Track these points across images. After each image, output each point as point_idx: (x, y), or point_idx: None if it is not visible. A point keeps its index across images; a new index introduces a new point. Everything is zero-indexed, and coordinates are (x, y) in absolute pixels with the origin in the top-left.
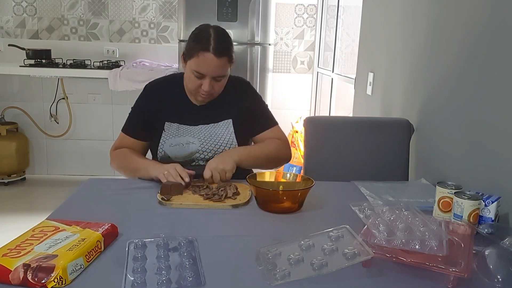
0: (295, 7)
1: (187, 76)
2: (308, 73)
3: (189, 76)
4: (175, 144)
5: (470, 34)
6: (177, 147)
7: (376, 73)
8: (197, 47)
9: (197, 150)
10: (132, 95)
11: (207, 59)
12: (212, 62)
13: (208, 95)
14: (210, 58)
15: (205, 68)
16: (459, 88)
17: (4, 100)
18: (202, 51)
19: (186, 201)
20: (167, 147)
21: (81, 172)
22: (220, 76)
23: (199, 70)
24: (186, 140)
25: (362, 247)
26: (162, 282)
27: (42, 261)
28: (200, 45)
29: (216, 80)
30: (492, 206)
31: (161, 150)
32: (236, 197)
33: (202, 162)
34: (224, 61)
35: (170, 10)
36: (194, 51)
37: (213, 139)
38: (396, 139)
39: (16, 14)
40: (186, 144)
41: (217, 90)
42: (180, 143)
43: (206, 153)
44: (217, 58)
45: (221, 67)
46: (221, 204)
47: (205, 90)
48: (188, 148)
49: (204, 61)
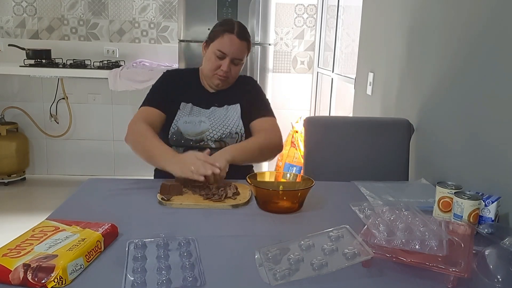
0: (295, 7)
1: (208, 58)
2: (308, 73)
3: (209, 58)
4: (189, 122)
5: (470, 34)
6: (190, 125)
7: (376, 73)
8: (223, 29)
9: (207, 129)
10: (132, 95)
11: (231, 39)
12: (235, 43)
13: (225, 78)
14: (233, 39)
15: (228, 47)
16: (459, 88)
17: (4, 100)
18: (228, 33)
19: (186, 201)
20: (181, 123)
21: (81, 172)
22: (238, 59)
23: (222, 49)
24: (198, 119)
25: (362, 247)
26: (162, 282)
27: (42, 261)
28: (225, 27)
29: (234, 64)
30: (492, 206)
31: (175, 126)
32: (236, 197)
33: (210, 141)
34: (244, 45)
35: (170, 10)
36: (219, 32)
37: (222, 120)
38: (396, 139)
39: (16, 14)
40: (198, 123)
41: (233, 75)
42: (193, 121)
43: (214, 132)
44: (239, 40)
45: (241, 50)
46: (221, 204)
47: (224, 70)
48: (199, 127)
49: (228, 41)
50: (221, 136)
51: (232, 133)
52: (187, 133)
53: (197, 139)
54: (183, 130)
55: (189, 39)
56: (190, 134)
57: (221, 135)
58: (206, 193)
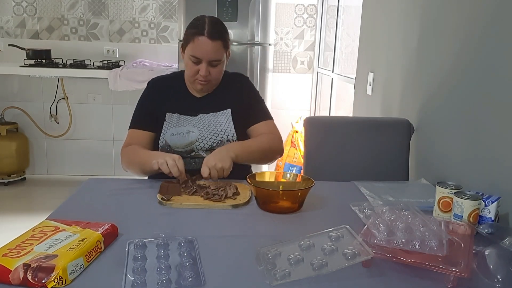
0: (295, 7)
1: (186, 64)
2: (308, 73)
3: (187, 63)
4: (175, 134)
5: (470, 34)
6: (177, 136)
7: (376, 73)
8: (192, 32)
9: (197, 139)
10: (132, 95)
11: (202, 43)
12: (206, 46)
13: (205, 82)
14: (204, 41)
15: (200, 51)
16: (459, 88)
17: (4, 100)
18: (197, 36)
19: (186, 201)
20: (168, 136)
21: (81, 172)
22: (215, 61)
23: (195, 54)
24: (186, 130)
25: (362, 247)
26: (162, 282)
27: (42, 261)
28: (195, 29)
29: (213, 66)
30: (492, 206)
31: (162, 139)
32: (236, 197)
33: (201, 151)
34: (218, 45)
35: (170, 10)
36: (190, 36)
37: (212, 128)
38: (396, 139)
39: (16, 14)
40: (186, 133)
41: (214, 77)
42: (180, 132)
43: (205, 142)
44: (211, 41)
45: (216, 51)
46: (221, 204)
47: (202, 75)
48: (188, 137)
49: (199, 45)
50: (212, 145)
51: (223, 141)
52: (176, 145)
53: (187, 150)
54: (171, 143)
55: None
56: (179, 146)
57: (212, 143)
58: (206, 193)
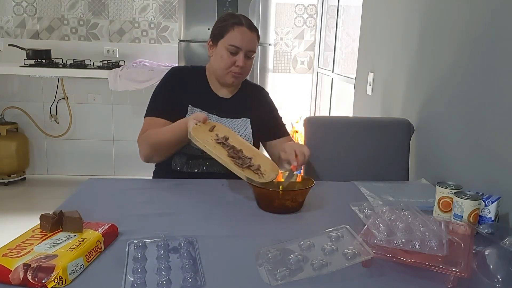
0: (295, 7)
1: (219, 56)
2: (308, 73)
3: (221, 55)
4: None
5: (470, 34)
6: None
7: (376, 73)
8: (231, 22)
9: None
10: (132, 95)
11: (242, 31)
12: (246, 35)
13: (240, 74)
14: (244, 30)
15: (240, 40)
16: (459, 88)
17: (4, 100)
18: (237, 25)
19: (210, 147)
20: None
21: (81, 172)
22: (251, 51)
23: (235, 43)
24: None
25: (362, 247)
26: (162, 282)
27: (42, 261)
28: (233, 20)
29: (248, 57)
30: (492, 206)
31: None
32: (258, 173)
33: None
34: (255, 36)
35: (170, 10)
36: (227, 27)
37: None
38: (396, 139)
39: (16, 14)
40: None
41: (247, 70)
42: None
43: None
44: (250, 31)
45: (253, 42)
46: (239, 170)
47: (240, 65)
48: None
49: (239, 34)
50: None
51: None
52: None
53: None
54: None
55: (189, 39)
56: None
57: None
58: (234, 151)
